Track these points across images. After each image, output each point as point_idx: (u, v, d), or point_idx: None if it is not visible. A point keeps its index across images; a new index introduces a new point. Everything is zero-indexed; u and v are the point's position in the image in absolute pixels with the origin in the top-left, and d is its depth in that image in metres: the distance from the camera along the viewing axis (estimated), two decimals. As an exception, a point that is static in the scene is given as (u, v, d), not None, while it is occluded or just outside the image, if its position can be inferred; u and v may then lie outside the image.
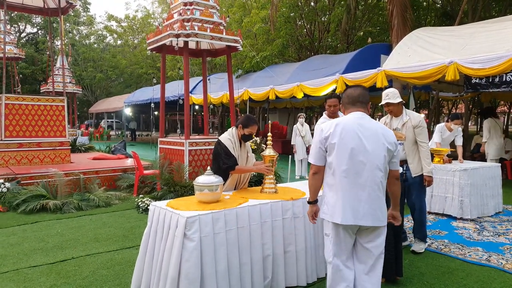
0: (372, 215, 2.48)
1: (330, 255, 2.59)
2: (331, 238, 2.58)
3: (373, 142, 2.52)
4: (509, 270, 3.82)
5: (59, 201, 6.34)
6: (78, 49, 32.35)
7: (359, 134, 2.51)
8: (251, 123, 3.78)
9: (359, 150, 2.50)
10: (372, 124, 2.61)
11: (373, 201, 2.49)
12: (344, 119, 2.61)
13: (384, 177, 2.56)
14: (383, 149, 2.53)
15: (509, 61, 6.76)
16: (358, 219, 2.47)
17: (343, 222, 2.49)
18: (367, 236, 2.57)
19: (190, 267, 2.79)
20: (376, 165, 2.50)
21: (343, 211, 2.49)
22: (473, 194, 5.68)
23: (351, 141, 2.50)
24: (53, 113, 8.85)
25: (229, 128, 3.98)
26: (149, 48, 8.18)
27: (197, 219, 2.85)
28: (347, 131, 2.52)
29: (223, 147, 3.71)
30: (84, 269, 3.86)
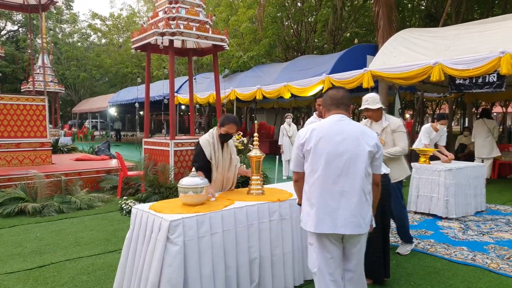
0: (352, 222, 2.35)
1: (315, 266, 2.47)
2: (314, 248, 2.47)
3: (351, 145, 2.39)
4: (494, 270, 3.83)
5: (38, 203, 6.14)
6: (61, 47, 31.75)
7: (335, 138, 2.40)
8: (227, 121, 3.63)
9: (335, 154, 2.38)
10: (351, 126, 2.47)
11: (354, 207, 2.35)
12: (322, 123, 2.52)
13: (367, 181, 2.41)
14: (363, 152, 2.39)
15: (492, 62, 6.84)
16: (337, 228, 2.35)
17: (317, 231, 2.38)
18: (351, 243, 2.46)
19: (173, 272, 2.69)
20: (355, 169, 2.37)
21: (318, 219, 2.37)
22: (458, 194, 5.71)
23: (327, 146, 2.40)
24: (33, 113, 8.60)
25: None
26: (134, 47, 8.03)
27: (180, 222, 2.76)
28: (322, 135, 2.42)
29: (198, 148, 3.66)
30: (64, 275, 3.73)
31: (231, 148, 3.85)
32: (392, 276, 3.67)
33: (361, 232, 2.39)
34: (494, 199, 7.21)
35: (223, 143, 3.75)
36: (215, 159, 3.65)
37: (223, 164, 3.70)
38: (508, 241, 4.73)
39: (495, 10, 16.21)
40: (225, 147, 3.77)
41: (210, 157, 3.63)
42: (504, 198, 7.35)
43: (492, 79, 7.46)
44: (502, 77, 7.20)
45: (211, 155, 3.63)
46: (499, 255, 4.23)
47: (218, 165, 3.68)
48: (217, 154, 3.66)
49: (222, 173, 3.71)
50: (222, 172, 3.70)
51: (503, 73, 6.76)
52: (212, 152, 3.64)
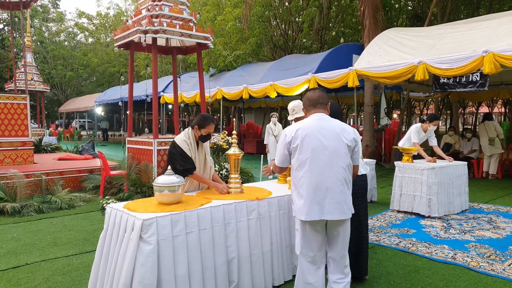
0: (337, 209, 2.61)
1: (298, 248, 2.75)
2: (299, 233, 2.72)
3: (333, 140, 2.65)
4: (473, 268, 3.83)
5: (18, 203, 6.02)
6: (47, 46, 31.29)
7: (319, 135, 2.65)
8: (207, 122, 3.55)
9: (320, 149, 2.63)
10: (331, 123, 2.74)
11: (337, 195, 2.61)
12: (305, 122, 2.74)
13: (347, 172, 2.68)
14: (343, 147, 2.66)
15: (475, 61, 6.91)
16: (324, 214, 2.60)
17: (307, 219, 2.61)
18: (334, 229, 2.71)
19: (146, 272, 2.63)
20: (337, 162, 2.63)
21: (308, 208, 2.61)
22: (441, 193, 5.73)
23: (312, 142, 2.64)
24: (15, 111, 8.43)
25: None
26: (117, 45, 7.92)
27: (154, 221, 2.70)
28: (307, 133, 2.66)
29: (179, 150, 3.48)
30: (38, 275, 3.63)
31: (205, 149, 3.76)
32: (372, 275, 3.66)
33: (345, 217, 2.65)
34: (477, 198, 7.27)
35: (198, 143, 3.67)
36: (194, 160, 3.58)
37: (198, 165, 3.63)
38: (489, 240, 4.76)
39: (480, 10, 16.42)
40: (200, 147, 3.69)
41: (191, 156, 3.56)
42: (487, 197, 7.41)
43: (475, 78, 7.53)
44: (485, 76, 7.27)
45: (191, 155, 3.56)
46: (480, 254, 4.24)
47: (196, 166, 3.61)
48: (194, 155, 3.58)
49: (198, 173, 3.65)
50: (198, 172, 3.64)
51: (486, 72, 6.84)
52: (189, 153, 3.55)
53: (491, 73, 6.77)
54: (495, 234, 4.96)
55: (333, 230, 2.71)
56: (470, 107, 26.00)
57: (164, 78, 18.23)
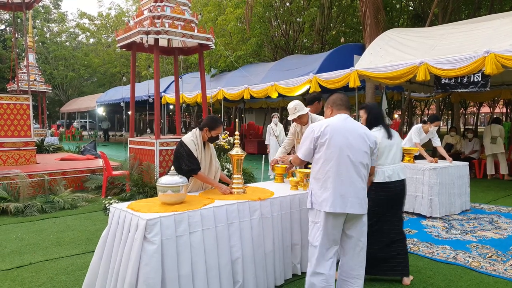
0: (358, 204, 2.81)
1: (317, 240, 2.85)
2: (319, 226, 2.85)
3: (358, 140, 2.86)
4: (475, 268, 3.85)
5: (21, 203, 6.05)
6: (49, 47, 31.36)
7: (346, 134, 2.85)
8: (218, 124, 3.63)
9: (347, 147, 2.82)
10: (356, 124, 2.97)
11: (358, 191, 2.82)
12: (333, 121, 2.92)
13: (367, 171, 2.91)
14: (366, 147, 2.88)
15: (476, 62, 6.91)
16: (347, 208, 2.78)
17: (331, 210, 2.77)
18: (352, 224, 2.88)
19: (150, 272, 2.65)
20: (360, 160, 2.84)
21: (332, 201, 2.77)
22: (442, 193, 5.74)
23: (340, 139, 2.82)
24: (17, 112, 8.46)
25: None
26: (119, 46, 7.94)
27: (158, 221, 2.72)
28: (336, 131, 2.84)
29: (186, 149, 3.53)
30: (42, 275, 3.66)
31: (212, 151, 3.80)
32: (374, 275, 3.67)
33: (363, 211, 2.86)
34: (479, 198, 7.27)
35: (204, 144, 3.71)
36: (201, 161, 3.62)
37: (204, 165, 3.66)
38: (490, 240, 4.77)
39: (482, 11, 16.42)
40: (206, 148, 3.72)
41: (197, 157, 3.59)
42: (488, 197, 7.42)
43: (477, 78, 7.53)
44: (487, 76, 7.28)
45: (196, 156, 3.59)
46: (481, 254, 4.26)
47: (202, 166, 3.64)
48: (200, 156, 3.62)
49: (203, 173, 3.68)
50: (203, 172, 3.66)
51: (487, 72, 6.84)
52: (195, 154, 3.58)
53: (492, 73, 6.77)
54: (496, 235, 4.97)
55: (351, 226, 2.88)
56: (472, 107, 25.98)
57: (165, 79, 18.27)
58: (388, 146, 3.56)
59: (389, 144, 3.56)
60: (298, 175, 3.89)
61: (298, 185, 3.83)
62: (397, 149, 3.65)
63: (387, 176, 3.52)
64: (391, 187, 3.53)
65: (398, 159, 3.65)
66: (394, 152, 3.60)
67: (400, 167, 3.63)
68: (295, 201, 3.59)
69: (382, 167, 3.53)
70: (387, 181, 3.51)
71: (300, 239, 3.62)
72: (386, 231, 3.54)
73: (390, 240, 3.54)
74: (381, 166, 3.53)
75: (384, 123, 3.63)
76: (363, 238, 2.93)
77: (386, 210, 3.53)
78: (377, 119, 3.63)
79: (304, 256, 3.67)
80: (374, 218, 3.47)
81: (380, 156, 3.50)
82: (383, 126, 3.59)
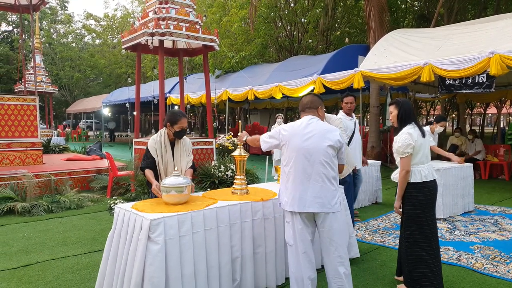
0: (318, 203, 2.85)
1: (291, 239, 2.95)
2: (290, 225, 2.96)
3: (317, 140, 2.89)
4: (478, 270, 3.85)
5: (28, 203, 6.13)
6: (55, 48, 31.61)
7: (304, 136, 2.92)
8: (178, 117, 3.55)
9: (303, 148, 2.89)
10: (319, 125, 2.99)
11: (319, 191, 2.86)
12: (294, 123, 3.06)
13: (329, 169, 2.89)
14: (326, 146, 2.89)
15: (481, 62, 6.88)
16: (306, 207, 2.85)
17: (290, 210, 2.90)
18: (320, 223, 2.93)
19: (154, 271, 2.70)
20: (319, 160, 2.87)
21: (292, 201, 2.89)
22: (446, 194, 5.73)
23: (298, 141, 2.91)
24: (24, 112, 8.57)
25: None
26: (124, 47, 8.02)
27: (161, 221, 2.77)
28: (295, 133, 2.95)
29: (146, 148, 3.65)
30: (48, 274, 3.72)
31: (185, 147, 3.73)
32: (376, 275, 3.69)
33: (325, 210, 2.86)
34: (484, 199, 7.25)
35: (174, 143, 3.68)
36: (162, 160, 3.60)
37: (174, 164, 3.61)
38: (494, 241, 4.77)
39: (488, 11, 16.33)
40: (176, 147, 3.67)
41: (156, 156, 3.58)
42: (493, 198, 7.39)
43: (481, 79, 7.51)
44: (492, 77, 7.25)
45: (156, 155, 3.58)
46: (484, 255, 4.26)
47: (168, 165, 3.61)
48: (165, 155, 3.60)
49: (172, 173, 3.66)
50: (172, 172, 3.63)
51: (492, 73, 6.80)
52: (159, 153, 3.58)
53: (497, 74, 6.74)
54: (500, 236, 4.96)
55: (321, 225, 2.92)
56: (478, 108, 25.82)
57: (170, 79, 18.35)
58: (423, 144, 3.30)
59: (423, 142, 3.30)
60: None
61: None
62: (429, 148, 3.43)
63: (423, 175, 3.25)
64: (429, 187, 3.27)
65: (429, 158, 3.40)
66: (427, 151, 3.37)
67: (432, 167, 3.41)
68: (297, 202, 3.62)
69: (417, 167, 3.26)
70: (424, 181, 3.24)
71: (303, 239, 3.64)
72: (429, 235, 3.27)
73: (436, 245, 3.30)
74: (417, 165, 3.27)
75: (416, 120, 3.39)
76: (336, 237, 2.88)
77: (425, 213, 3.25)
78: (409, 115, 3.36)
79: (306, 257, 3.70)
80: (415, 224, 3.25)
81: (415, 156, 3.25)
82: (415, 124, 3.33)
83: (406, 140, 3.22)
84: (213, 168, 7.52)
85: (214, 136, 9.21)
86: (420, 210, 3.25)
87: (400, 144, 3.24)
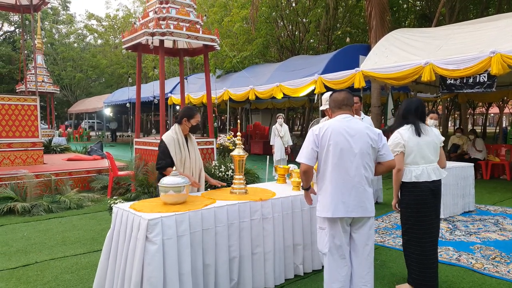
0: (361, 207, 2.73)
1: (326, 247, 2.79)
2: (326, 232, 2.80)
3: (360, 142, 2.75)
4: (478, 270, 3.83)
5: (28, 203, 6.14)
6: (57, 48, 31.68)
7: (347, 136, 2.75)
8: (194, 112, 3.72)
9: (347, 150, 2.73)
10: (358, 124, 2.84)
11: (361, 194, 2.73)
12: (333, 122, 2.82)
13: (370, 172, 2.79)
14: (368, 147, 2.77)
15: (482, 62, 6.86)
16: (349, 212, 2.71)
17: (334, 215, 2.72)
18: (358, 227, 2.80)
19: (153, 271, 2.70)
20: (362, 163, 2.74)
21: (334, 206, 2.72)
22: (446, 194, 5.69)
23: (340, 142, 2.74)
24: (25, 113, 8.58)
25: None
26: (125, 47, 8.03)
27: (159, 221, 2.76)
28: (336, 133, 2.75)
29: (163, 146, 3.64)
30: (47, 273, 3.72)
31: (195, 145, 3.85)
32: (376, 275, 3.66)
33: (367, 214, 2.77)
34: (485, 199, 7.22)
35: (187, 138, 3.76)
36: (182, 155, 3.65)
37: (190, 159, 3.70)
38: (494, 241, 4.74)
39: (490, 10, 16.29)
40: (189, 142, 3.77)
41: (175, 154, 3.63)
42: (494, 198, 7.36)
43: (482, 79, 7.48)
44: (493, 77, 7.22)
45: (175, 152, 3.63)
46: (485, 255, 4.24)
47: (186, 161, 3.67)
48: (184, 150, 3.66)
49: (190, 168, 3.71)
50: (190, 167, 3.70)
51: (493, 73, 6.78)
52: (177, 149, 3.64)
53: (498, 74, 6.72)
54: (501, 236, 4.94)
55: (357, 230, 2.79)
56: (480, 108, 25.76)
57: (171, 79, 18.35)
58: (419, 145, 3.29)
59: (419, 142, 3.29)
60: (295, 175, 3.90)
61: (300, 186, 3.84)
62: (431, 147, 3.35)
63: (414, 175, 3.27)
64: (422, 187, 3.25)
65: (430, 158, 3.34)
66: (426, 152, 3.32)
67: (433, 168, 3.34)
68: (296, 202, 3.60)
69: (410, 167, 3.30)
70: (414, 181, 3.26)
71: (302, 239, 3.64)
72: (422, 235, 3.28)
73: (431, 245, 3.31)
74: (409, 165, 3.30)
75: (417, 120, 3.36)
76: (370, 241, 2.83)
77: (419, 213, 3.27)
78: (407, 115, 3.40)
79: (307, 257, 3.69)
80: (408, 222, 3.32)
81: (407, 155, 3.29)
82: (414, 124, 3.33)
83: (396, 139, 3.33)
84: (213, 168, 7.51)
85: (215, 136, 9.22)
86: (411, 209, 3.29)
87: (390, 142, 3.30)
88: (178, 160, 3.64)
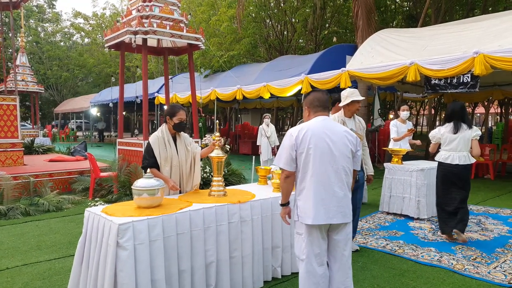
0: (341, 212, 2.63)
1: (304, 253, 2.66)
2: (304, 238, 2.67)
3: (340, 145, 2.66)
4: (458, 271, 3.81)
5: (4, 206, 5.96)
6: (43, 46, 31.17)
7: (327, 139, 2.63)
8: (177, 109, 3.60)
9: (328, 153, 2.62)
10: (338, 127, 2.75)
11: (341, 200, 2.64)
12: (311, 124, 2.69)
13: (350, 177, 2.72)
14: (348, 151, 2.69)
15: (466, 62, 6.88)
16: (329, 218, 2.60)
17: (314, 223, 2.59)
18: (336, 233, 2.70)
19: (125, 278, 2.60)
20: (342, 167, 2.65)
21: (315, 212, 2.59)
22: (429, 194, 5.70)
23: (321, 145, 2.61)
24: (4, 112, 8.36)
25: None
26: (107, 46, 7.87)
27: (130, 225, 2.66)
28: (316, 136, 2.62)
29: (147, 146, 3.56)
30: (17, 280, 3.59)
31: (185, 140, 3.72)
32: (357, 278, 3.62)
33: (347, 220, 2.67)
34: (468, 199, 7.21)
35: (175, 137, 3.66)
36: (167, 154, 3.55)
37: (179, 158, 3.60)
38: (476, 242, 4.74)
39: (476, 11, 16.42)
40: (178, 141, 3.66)
41: (159, 153, 3.53)
42: (478, 198, 7.38)
43: (466, 79, 7.51)
44: (476, 77, 7.25)
45: (159, 151, 3.53)
46: (466, 256, 4.22)
47: (173, 159, 3.57)
48: (170, 149, 3.57)
49: (179, 167, 3.61)
50: (179, 166, 3.60)
51: (476, 73, 6.81)
52: (162, 148, 3.54)
53: (481, 74, 6.74)
54: (482, 236, 4.93)
55: (336, 235, 2.69)
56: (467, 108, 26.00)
57: (159, 79, 18.18)
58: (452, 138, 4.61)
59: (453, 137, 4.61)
60: (276, 176, 3.84)
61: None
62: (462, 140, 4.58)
63: (442, 157, 4.68)
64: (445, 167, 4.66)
65: (460, 148, 4.59)
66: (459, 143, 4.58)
67: (460, 155, 4.58)
68: (276, 204, 3.52)
69: (442, 151, 4.73)
70: (441, 161, 4.70)
71: (282, 241, 3.57)
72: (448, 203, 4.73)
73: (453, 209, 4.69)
74: (443, 150, 4.73)
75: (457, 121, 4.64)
76: (348, 246, 2.73)
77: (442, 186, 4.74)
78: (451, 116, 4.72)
79: (285, 259, 3.62)
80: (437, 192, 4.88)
81: (442, 144, 4.72)
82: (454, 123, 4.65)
83: (434, 132, 4.86)
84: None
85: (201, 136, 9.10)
86: (438, 180, 4.86)
87: (431, 133, 4.93)
88: (162, 159, 3.54)
